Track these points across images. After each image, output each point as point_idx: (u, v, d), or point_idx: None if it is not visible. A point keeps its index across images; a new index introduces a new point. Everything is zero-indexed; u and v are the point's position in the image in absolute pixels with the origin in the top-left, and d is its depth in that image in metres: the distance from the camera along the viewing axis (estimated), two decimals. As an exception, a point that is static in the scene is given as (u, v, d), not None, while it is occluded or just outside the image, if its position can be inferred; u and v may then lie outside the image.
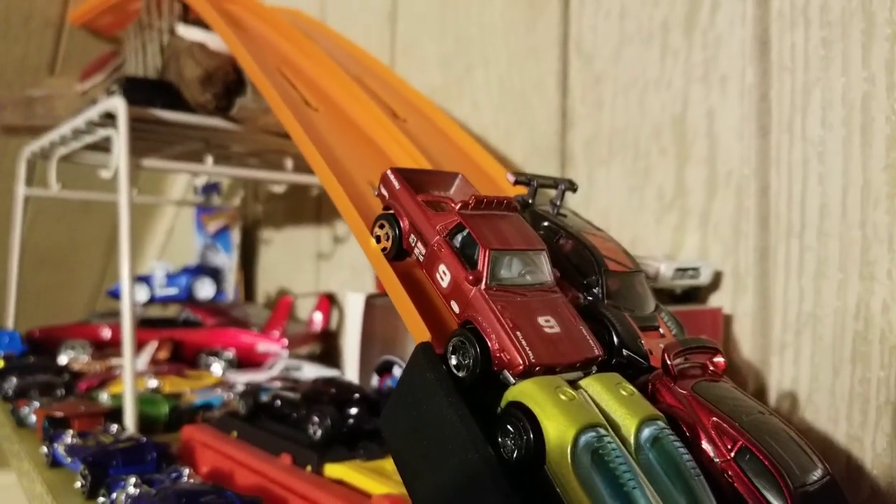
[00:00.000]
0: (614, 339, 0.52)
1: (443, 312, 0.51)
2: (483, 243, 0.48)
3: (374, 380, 0.90)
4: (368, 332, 0.93)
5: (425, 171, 0.58)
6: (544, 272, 0.51)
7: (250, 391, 0.86)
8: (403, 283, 0.52)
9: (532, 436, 0.41)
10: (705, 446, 0.46)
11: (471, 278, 0.47)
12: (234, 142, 1.18)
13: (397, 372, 0.88)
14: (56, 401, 1.01)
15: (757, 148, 0.80)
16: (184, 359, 1.32)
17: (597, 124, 0.96)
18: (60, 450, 0.79)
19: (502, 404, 0.43)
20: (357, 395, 0.77)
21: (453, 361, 0.46)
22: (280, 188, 1.30)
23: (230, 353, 1.29)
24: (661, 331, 0.55)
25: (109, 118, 1.00)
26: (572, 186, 0.64)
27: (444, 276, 0.49)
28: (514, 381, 0.44)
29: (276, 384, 1.08)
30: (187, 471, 0.69)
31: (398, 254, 0.53)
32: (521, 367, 0.43)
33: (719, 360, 0.52)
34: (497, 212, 0.52)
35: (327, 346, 1.40)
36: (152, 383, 1.13)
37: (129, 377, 0.87)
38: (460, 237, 0.50)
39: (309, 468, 0.70)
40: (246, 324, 1.34)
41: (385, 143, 0.73)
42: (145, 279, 1.41)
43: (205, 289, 1.39)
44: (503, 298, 0.47)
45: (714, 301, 0.83)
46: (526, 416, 0.41)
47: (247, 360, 1.30)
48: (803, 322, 0.76)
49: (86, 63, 1.41)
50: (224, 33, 0.84)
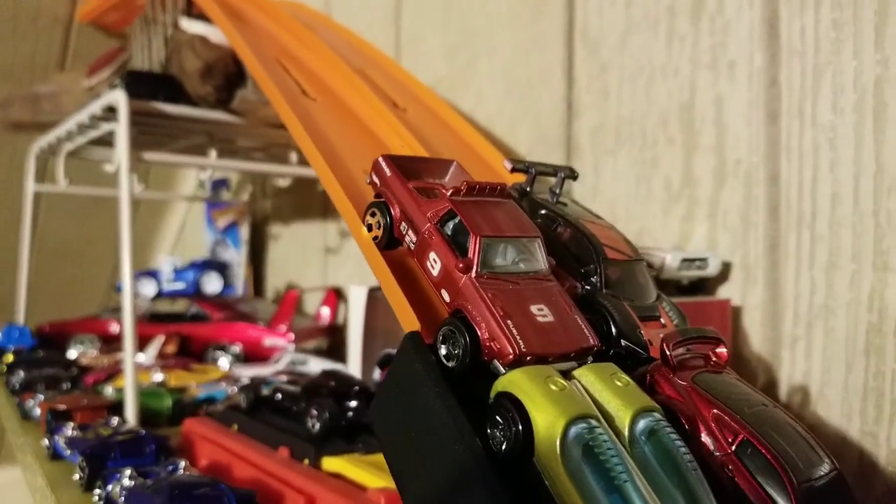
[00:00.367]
0: (612, 329, 0.50)
1: (435, 302, 0.50)
2: (474, 230, 0.46)
3: (377, 373, 0.88)
4: (371, 325, 0.92)
5: (419, 159, 0.57)
6: (538, 260, 0.49)
7: (251, 385, 0.85)
8: (396, 273, 0.51)
9: (521, 427, 0.39)
10: (705, 439, 0.44)
11: (461, 266, 0.45)
12: (239, 135, 1.17)
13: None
14: (61, 394, 1.01)
15: (766, 135, 0.78)
16: (191, 353, 1.32)
17: (603, 113, 0.94)
18: (61, 442, 0.79)
19: (492, 395, 0.42)
20: (356, 388, 0.76)
21: (443, 351, 0.45)
22: (285, 182, 1.30)
23: (237, 348, 1.28)
24: (662, 321, 0.53)
25: (112, 112, 1.00)
26: (572, 174, 0.62)
27: (434, 264, 0.48)
28: (504, 371, 0.42)
29: (282, 378, 1.07)
30: (183, 463, 0.68)
31: (390, 242, 0.52)
32: (511, 357, 0.42)
33: (722, 350, 0.50)
34: (490, 198, 0.50)
35: (334, 340, 1.39)
36: (158, 377, 1.12)
37: (130, 371, 0.86)
38: (452, 224, 0.48)
39: (306, 461, 0.69)
40: (253, 318, 1.34)
41: (383, 133, 0.72)
42: (153, 274, 1.40)
43: (212, 283, 1.38)
44: (494, 286, 0.45)
45: (723, 293, 0.81)
46: (515, 407, 0.40)
47: (254, 355, 1.29)
48: (815, 314, 0.74)
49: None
50: (223, 24, 0.83)
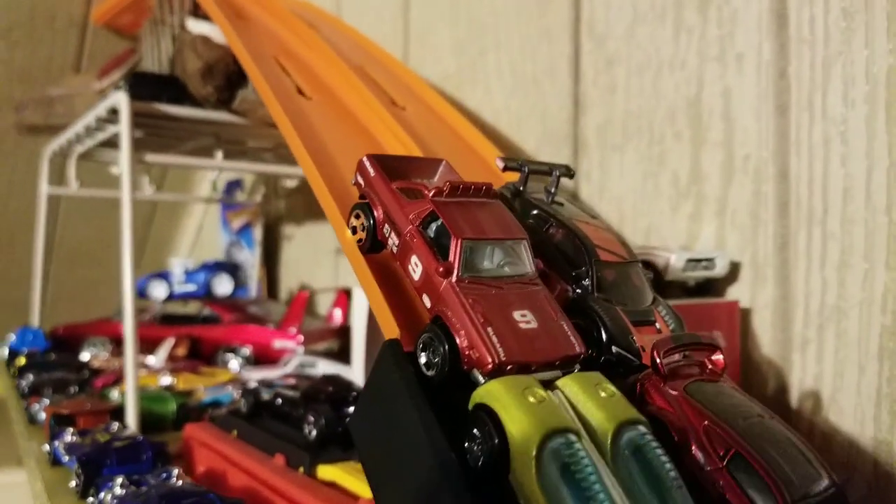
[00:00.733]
0: (603, 335, 0.48)
1: (419, 308, 0.48)
2: (455, 232, 0.45)
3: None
4: (375, 327, 0.90)
5: (407, 158, 0.55)
6: (524, 263, 0.47)
7: (251, 390, 0.84)
8: (380, 277, 0.50)
9: (497, 441, 0.38)
10: (696, 453, 0.42)
11: (441, 270, 0.44)
12: (245, 136, 1.16)
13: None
14: (67, 398, 1.01)
15: (775, 128, 0.75)
16: (202, 355, 1.32)
17: (610, 108, 0.92)
18: (61, 448, 0.79)
19: (470, 406, 0.40)
20: (355, 394, 0.75)
21: (423, 359, 0.43)
22: (293, 182, 1.29)
23: (247, 350, 1.28)
24: (657, 326, 0.51)
25: (116, 114, 0.99)
26: (568, 172, 0.60)
27: (416, 267, 0.46)
28: (483, 381, 0.41)
29: (290, 381, 1.07)
30: (176, 471, 0.67)
31: (373, 245, 0.50)
32: (490, 366, 0.40)
33: (718, 357, 0.48)
34: (475, 199, 0.48)
35: (346, 341, 1.37)
36: (166, 380, 1.12)
37: (131, 376, 0.86)
38: (434, 226, 0.46)
39: (301, 469, 0.68)
40: (263, 320, 1.33)
41: (379, 132, 0.70)
42: (164, 276, 1.40)
43: (223, 285, 1.38)
44: (476, 291, 0.43)
45: (732, 293, 0.78)
46: (491, 420, 0.38)
47: (264, 357, 1.28)
48: (826, 316, 0.71)
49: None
50: (221, 22, 0.82)
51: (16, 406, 1.06)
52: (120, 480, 0.63)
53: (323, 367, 1.16)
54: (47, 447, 0.82)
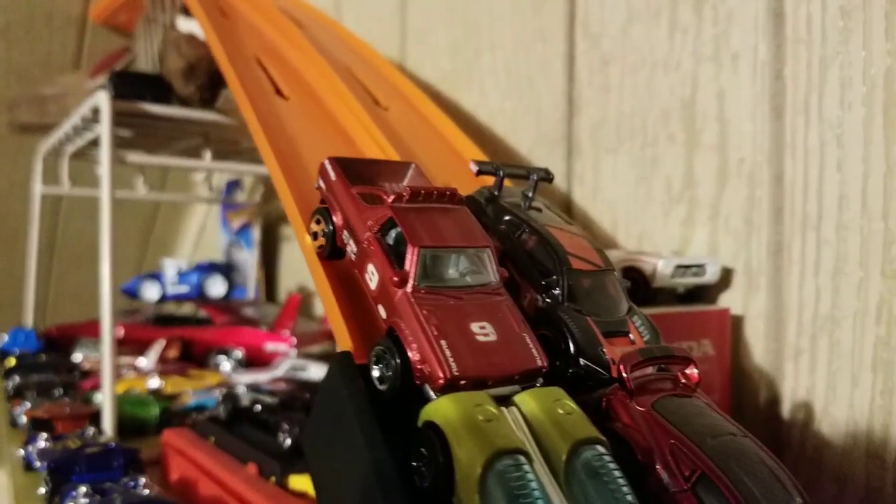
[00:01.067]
0: (570, 347, 0.46)
1: (379, 319, 0.46)
2: (412, 240, 0.42)
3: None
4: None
5: (374, 161, 0.53)
6: (488, 272, 0.45)
7: (231, 395, 0.83)
8: (341, 285, 0.48)
9: (443, 461, 0.35)
10: (660, 473, 0.39)
11: (396, 279, 0.42)
12: (239, 136, 1.15)
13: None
14: (51, 401, 1.00)
15: (770, 132, 0.72)
16: (194, 357, 1.30)
17: (603, 109, 0.89)
18: (34, 453, 0.77)
19: (419, 423, 0.38)
20: (332, 401, 0.72)
21: (375, 373, 0.41)
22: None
23: (239, 353, 1.26)
24: (630, 337, 0.49)
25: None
26: (547, 176, 0.58)
27: (372, 276, 0.44)
28: (434, 397, 0.38)
29: (281, 385, 1.05)
30: (143, 480, 0.65)
31: (333, 251, 0.48)
32: (441, 381, 0.38)
33: (692, 371, 0.45)
34: (438, 205, 0.46)
35: (340, 344, 1.36)
36: (154, 383, 1.11)
37: (108, 380, 0.84)
38: (394, 233, 0.44)
39: (273, 479, 0.66)
40: (257, 322, 1.31)
41: (357, 133, 0.68)
42: (157, 276, 1.39)
43: (216, 286, 1.37)
44: (432, 302, 0.41)
45: (724, 301, 0.76)
46: (439, 439, 0.36)
47: (256, 359, 1.27)
48: (820, 325, 0.68)
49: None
50: (201, 19, 0.81)
51: (2, 408, 1.05)
52: (84, 489, 0.61)
53: (314, 371, 1.14)
54: (22, 452, 0.80)
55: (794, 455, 0.70)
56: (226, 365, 1.24)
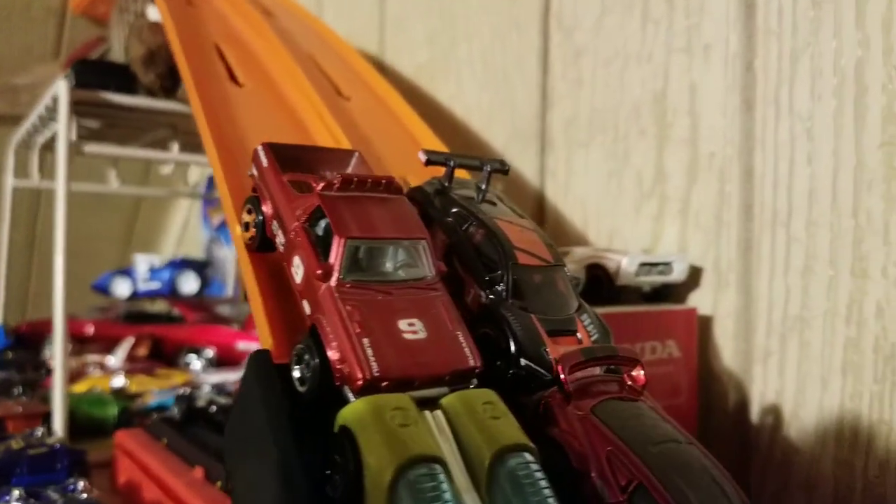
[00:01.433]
0: (511, 346, 0.43)
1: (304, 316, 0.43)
2: (338, 230, 0.40)
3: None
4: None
5: (315, 149, 0.51)
6: (423, 266, 0.42)
7: (186, 395, 0.80)
8: (272, 279, 0.45)
9: (354, 469, 0.33)
10: (596, 482, 0.37)
11: (319, 273, 0.39)
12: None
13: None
14: (12, 399, 0.97)
15: (741, 125, 0.70)
16: (164, 356, 1.28)
17: (576, 103, 0.87)
18: (-22, 454, 0.75)
19: (336, 428, 0.35)
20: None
21: (296, 374, 0.39)
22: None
23: (210, 351, 1.23)
24: (578, 336, 0.46)
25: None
26: (502, 168, 0.55)
27: (298, 269, 0.41)
28: (353, 399, 0.36)
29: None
30: (82, 483, 0.63)
31: (262, 243, 0.46)
32: (359, 382, 0.35)
33: (639, 373, 0.43)
34: (373, 194, 0.44)
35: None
36: (118, 382, 1.08)
37: (59, 378, 0.81)
38: (324, 224, 0.42)
39: (219, 484, 0.63)
40: (230, 321, 1.29)
41: (313, 123, 0.66)
42: (128, 272, 1.36)
43: (189, 283, 1.34)
44: (358, 297, 0.39)
45: (694, 300, 0.73)
46: (351, 446, 0.34)
47: (228, 359, 1.24)
48: (789, 326, 0.66)
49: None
50: (160, 5, 0.78)
51: (-38, 406, 1.02)
52: (17, 493, 0.59)
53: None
54: (-33, 452, 0.77)
55: (762, 461, 0.68)
56: (196, 364, 1.21)
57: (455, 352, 0.39)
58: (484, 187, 0.54)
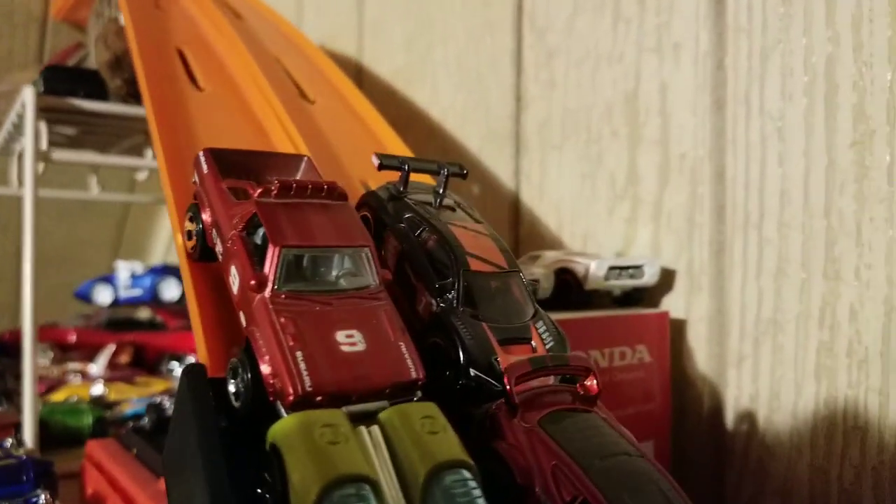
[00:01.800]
0: (460, 356, 0.42)
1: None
2: (273, 239, 0.39)
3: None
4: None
5: (260, 154, 0.49)
6: (366, 274, 0.41)
7: (156, 404, 0.79)
8: (214, 291, 0.44)
9: (281, 490, 0.32)
10: (541, 499, 0.35)
11: (253, 283, 0.38)
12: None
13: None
14: (-15, 409, 0.96)
15: (712, 125, 0.68)
16: (146, 363, 1.26)
17: (549, 105, 0.85)
18: (-56, 467, 0.73)
19: (267, 445, 0.34)
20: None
21: (231, 388, 0.37)
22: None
23: (192, 358, 1.22)
24: (532, 344, 0.45)
25: (40, 111, 0.94)
26: (461, 172, 0.54)
27: (234, 280, 0.40)
28: (286, 415, 0.34)
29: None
30: (43, 497, 0.61)
31: (204, 252, 0.44)
32: (291, 397, 0.34)
33: (592, 383, 0.41)
34: (315, 200, 0.42)
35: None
36: (97, 390, 1.07)
37: (29, 389, 0.80)
38: (261, 232, 0.40)
39: (181, 496, 0.62)
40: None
41: (273, 127, 0.65)
42: (109, 279, 1.35)
43: (170, 290, 1.33)
44: (293, 308, 0.37)
45: (667, 304, 0.72)
46: (279, 464, 0.32)
47: (209, 365, 1.22)
48: (762, 330, 0.64)
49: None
50: (122, 8, 0.77)
51: (-65, 416, 1.01)
52: (-27, 507, 0.57)
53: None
54: (-65, 465, 0.76)
55: (738, 467, 0.66)
56: (178, 371, 1.20)
57: (396, 364, 0.37)
58: (441, 192, 0.53)
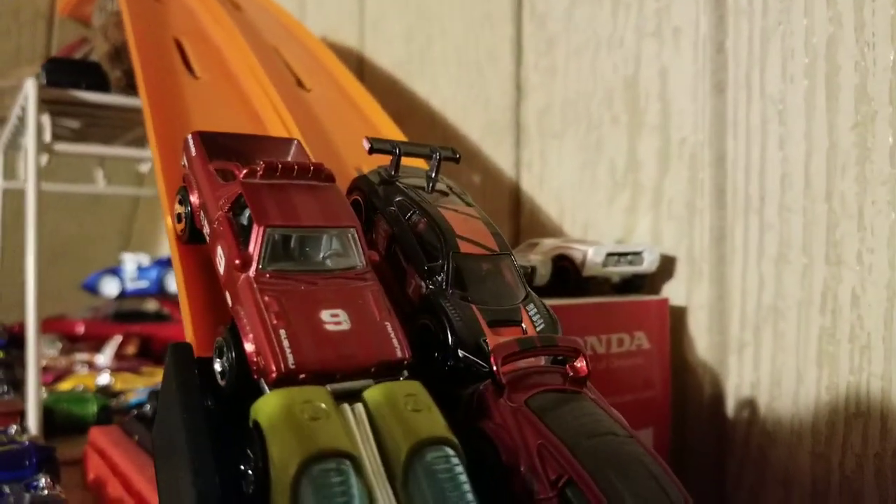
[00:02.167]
0: (449, 338, 0.41)
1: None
2: (258, 218, 0.38)
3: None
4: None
5: (250, 137, 0.49)
6: (352, 255, 0.41)
7: (157, 392, 0.79)
8: (204, 274, 0.44)
9: (262, 465, 0.31)
10: (526, 478, 0.35)
11: (237, 263, 0.37)
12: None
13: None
14: (-1, 398, 0.97)
15: (712, 109, 0.68)
16: (153, 354, 1.27)
17: (549, 93, 0.85)
18: (-51, 454, 0.74)
19: (250, 422, 0.34)
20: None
21: (217, 367, 0.37)
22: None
23: (196, 349, 1.22)
24: (523, 326, 0.44)
25: (43, 103, 0.95)
26: (453, 156, 0.54)
27: (221, 260, 0.40)
28: (268, 392, 0.34)
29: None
30: (43, 481, 0.62)
31: (192, 234, 0.44)
32: (274, 374, 0.34)
33: (581, 364, 0.41)
34: (301, 181, 0.42)
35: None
36: (103, 380, 1.08)
37: (32, 377, 0.81)
38: (248, 213, 0.40)
39: (178, 482, 0.62)
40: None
41: (268, 116, 0.65)
42: (116, 271, 1.36)
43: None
44: (278, 287, 0.37)
45: (668, 291, 0.71)
46: (260, 440, 0.32)
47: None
48: (763, 316, 0.64)
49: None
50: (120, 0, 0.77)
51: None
52: (-24, 489, 0.58)
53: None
54: (-60, 452, 0.77)
55: (739, 455, 0.66)
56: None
57: (381, 343, 0.37)
58: (434, 175, 0.52)
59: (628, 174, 0.75)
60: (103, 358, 1.21)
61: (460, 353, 0.41)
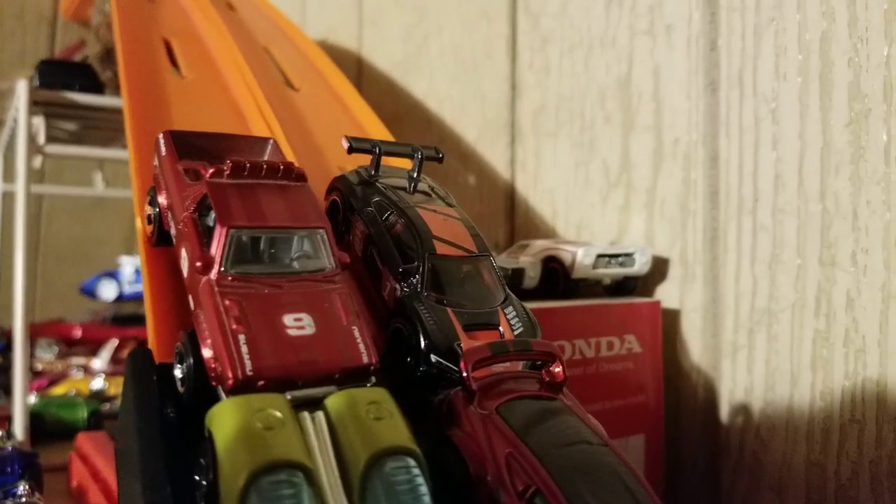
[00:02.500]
0: (421, 342, 0.40)
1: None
2: (221, 219, 0.37)
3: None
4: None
5: (224, 136, 0.48)
6: (322, 257, 0.40)
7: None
8: (173, 276, 0.43)
9: (213, 475, 0.30)
10: (492, 489, 0.34)
11: (199, 265, 0.36)
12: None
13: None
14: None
15: (705, 108, 0.66)
16: (150, 358, 1.26)
17: (544, 92, 0.83)
18: (-66, 459, 0.73)
19: (205, 430, 0.33)
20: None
21: (177, 373, 0.36)
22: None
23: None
24: (500, 330, 0.43)
25: (37, 105, 0.94)
26: (436, 155, 0.52)
27: (185, 262, 0.39)
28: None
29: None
30: (23, 488, 0.61)
31: (161, 237, 0.43)
32: (231, 381, 0.33)
33: (557, 369, 0.39)
34: (270, 181, 0.41)
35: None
36: (97, 384, 1.07)
37: (19, 383, 0.80)
38: (213, 214, 0.39)
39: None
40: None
41: (252, 115, 0.64)
42: (114, 275, 1.35)
43: (174, 284, 1.32)
44: (240, 291, 0.36)
45: (661, 293, 0.70)
46: (212, 449, 0.31)
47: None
48: (757, 319, 0.62)
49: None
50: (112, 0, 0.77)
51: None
52: (-50, 498, 0.57)
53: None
54: (-74, 457, 0.76)
55: (733, 462, 0.64)
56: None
57: (346, 348, 0.36)
58: (416, 175, 0.51)
59: (622, 174, 0.73)
60: (99, 362, 1.20)
61: (433, 358, 0.40)
